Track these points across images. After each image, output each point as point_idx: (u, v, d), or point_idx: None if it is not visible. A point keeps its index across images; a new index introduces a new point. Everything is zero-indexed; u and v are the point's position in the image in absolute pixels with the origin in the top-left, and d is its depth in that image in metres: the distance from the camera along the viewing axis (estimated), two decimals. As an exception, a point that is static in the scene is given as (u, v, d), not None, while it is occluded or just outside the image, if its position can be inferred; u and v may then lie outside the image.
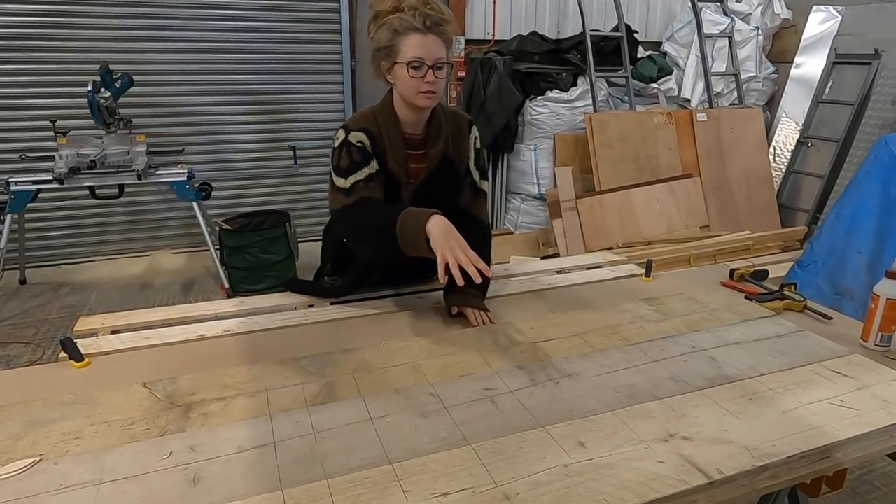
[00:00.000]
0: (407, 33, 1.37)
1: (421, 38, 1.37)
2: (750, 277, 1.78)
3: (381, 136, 1.48)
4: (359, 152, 1.46)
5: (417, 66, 1.37)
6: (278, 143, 4.61)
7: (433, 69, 1.39)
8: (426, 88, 1.40)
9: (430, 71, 1.38)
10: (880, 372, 1.27)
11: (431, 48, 1.38)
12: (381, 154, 1.48)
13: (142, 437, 1.03)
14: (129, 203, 4.34)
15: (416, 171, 1.54)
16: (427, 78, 1.38)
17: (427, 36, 1.37)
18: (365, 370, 1.26)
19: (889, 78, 4.24)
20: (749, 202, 4.54)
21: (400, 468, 0.95)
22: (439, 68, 1.39)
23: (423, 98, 1.41)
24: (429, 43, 1.38)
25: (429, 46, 1.38)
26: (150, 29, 4.17)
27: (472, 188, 1.62)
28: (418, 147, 1.53)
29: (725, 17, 4.83)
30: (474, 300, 1.53)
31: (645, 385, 1.20)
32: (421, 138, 1.53)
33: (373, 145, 1.47)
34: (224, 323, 1.51)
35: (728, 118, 4.53)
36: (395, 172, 1.50)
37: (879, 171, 2.99)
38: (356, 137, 1.47)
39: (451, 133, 1.56)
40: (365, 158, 1.46)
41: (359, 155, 1.46)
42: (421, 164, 1.53)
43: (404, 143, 1.51)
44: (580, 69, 4.38)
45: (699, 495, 0.93)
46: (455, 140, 1.56)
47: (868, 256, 2.91)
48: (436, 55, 1.39)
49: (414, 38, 1.37)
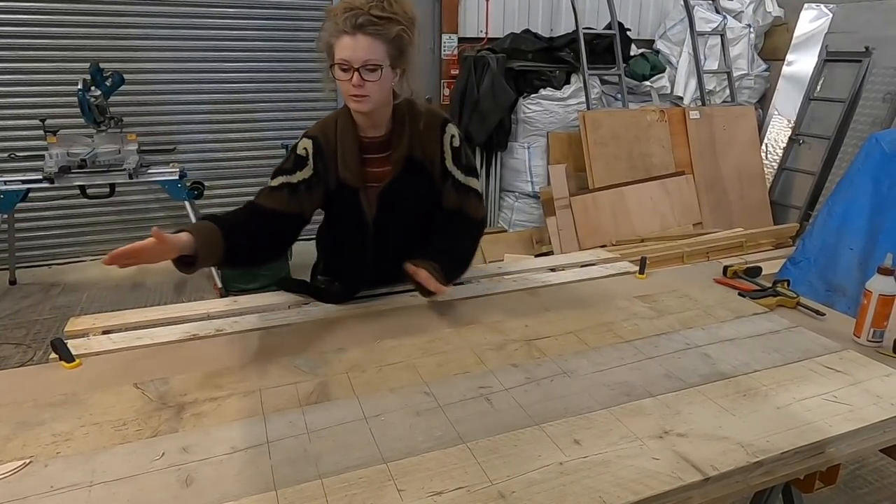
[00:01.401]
0: (338, 36, 1.33)
1: (349, 40, 1.32)
2: (743, 274, 1.78)
3: (335, 143, 1.47)
4: (294, 160, 1.47)
5: (345, 67, 1.33)
6: (271, 142, 4.59)
7: (360, 71, 1.32)
8: (353, 92, 1.35)
9: (356, 73, 1.32)
10: (873, 367, 1.27)
11: (359, 49, 1.32)
12: (328, 163, 1.47)
13: (133, 438, 1.02)
14: (121, 202, 4.30)
15: (380, 175, 1.50)
16: (353, 80, 1.33)
17: (356, 37, 1.31)
18: (359, 369, 1.25)
19: (879, 75, 4.27)
20: (742, 200, 4.56)
21: (395, 467, 0.95)
22: (370, 70, 1.33)
23: (353, 101, 1.38)
24: (357, 44, 1.31)
25: (355, 48, 1.32)
26: (142, 27, 4.14)
27: (456, 187, 1.56)
28: (380, 150, 1.49)
29: (717, 14, 4.84)
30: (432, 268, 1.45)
31: (639, 382, 1.20)
32: (383, 141, 1.49)
33: (316, 154, 1.46)
34: (216, 322, 1.50)
35: (721, 116, 4.55)
36: (347, 179, 1.49)
37: (870, 167, 3.01)
38: (303, 144, 1.48)
39: (418, 134, 1.50)
40: (295, 166, 1.46)
41: (290, 162, 1.47)
42: (384, 167, 1.50)
43: (360, 149, 1.48)
44: (573, 67, 4.38)
45: (694, 492, 0.93)
46: (423, 141, 1.51)
47: (860, 253, 2.93)
48: (364, 56, 1.32)
49: (344, 39, 1.33)
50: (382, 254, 1.57)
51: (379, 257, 1.58)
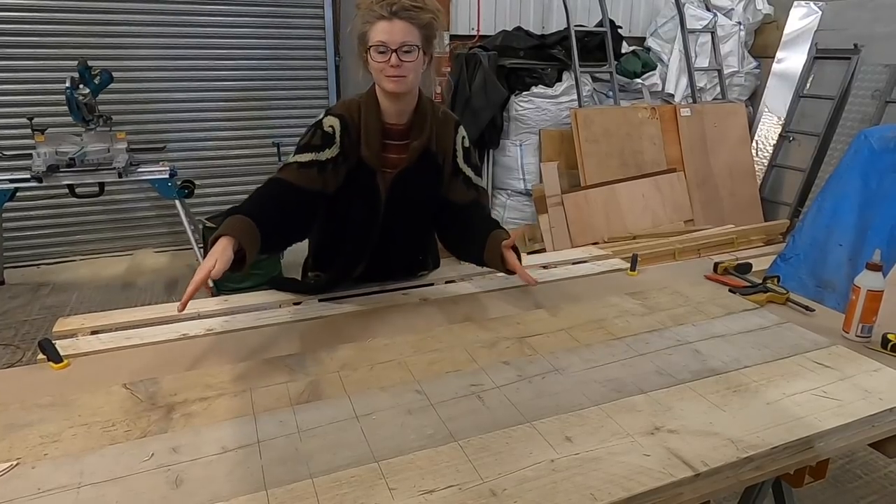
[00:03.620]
0: (375, 21, 1.40)
1: (386, 24, 1.39)
2: (734, 271, 1.79)
3: (359, 123, 1.51)
4: (322, 136, 1.49)
5: (382, 49, 1.40)
6: (262, 140, 4.57)
7: (398, 52, 1.39)
8: (391, 72, 1.41)
9: (394, 54, 1.39)
10: (861, 362, 1.28)
11: (396, 32, 1.39)
12: (353, 141, 1.51)
13: (122, 438, 1.01)
14: (110, 201, 4.27)
15: (396, 161, 1.55)
16: (391, 61, 1.40)
17: (392, 21, 1.39)
18: (350, 368, 1.25)
19: (868, 73, 4.30)
20: (733, 196, 4.59)
21: (386, 466, 0.95)
22: (406, 52, 1.40)
23: (390, 81, 1.43)
24: (394, 27, 1.39)
25: (393, 31, 1.39)
26: (131, 24, 4.10)
27: (468, 184, 1.64)
28: (400, 138, 1.55)
29: (708, 12, 4.86)
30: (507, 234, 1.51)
31: (631, 379, 1.21)
32: (403, 129, 1.55)
33: (343, 132, 1.49)
34: (207, 322, 1.49)
35: (711, 113, 4.56)
36: (368, 159, 1.52)
37: (859, 164, 3.03)
38: (329, 122, 1.50)
39: (437, 129, 1.58)
40: (324, 143, 1.48)
41: (319, 139, 1.49)
42: (401, 154, 1.55)
43: (383, 133, 1.53)
44: (565, 64, 4.38)
45: (685, 488, 0.94)
46: (440, 137, 1.59)
47: (849, 249, 2.95)
48: (401, 39, 1.39)
49: (380, 24, 1.40)
50: (387, 237, 1.60)
51: (383, 240, 1.61)
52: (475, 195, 1.66)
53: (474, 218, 1.63)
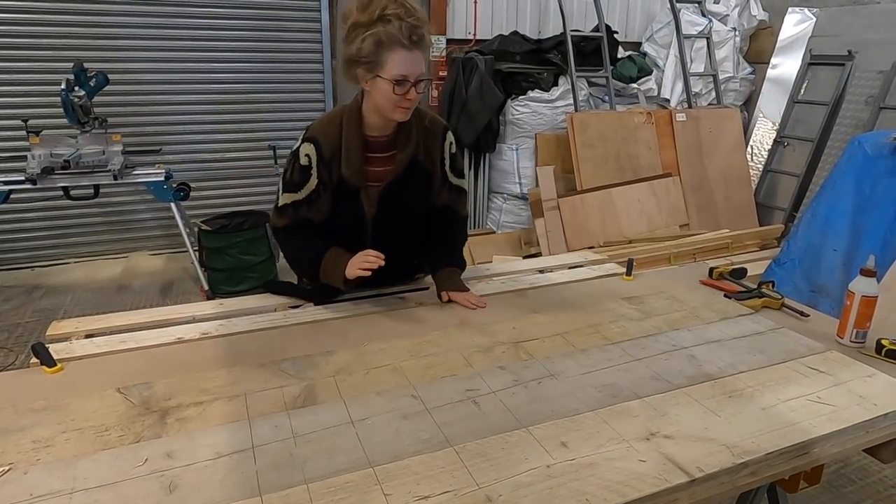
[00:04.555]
0: (393, 48, 1.34)
1: (406, 55, 1.35)
2: (729, 276, 1.80)
3: (339, 141, 1.47)
4: (299, 171, 1.49)
5: (402, 82, 1.36)
6: (258, 143, 4.55)
7: (415, 86, 1.38)
8: (405, 105, 1.40)
9: (413, 88, 1.38)
10: (856, 368, 1.29)
11: (415, 65, 1.37)
12: (330, 162, 1.48)
13: (116, 443, 1.01)
14: (105, 204, 4.25)
15: (381, 174, 1.53)
16: (409, 95, 1.39)
17: (412, 52, 1.36)
18: (346, 372, 1.25)
19: (862, 78, 4.32)
20: (728, 201, 4.60)
21: (381, 471, 0.94)
22: (419, 83, 1.39)
23: (402, 113, 1.43)
24: (413, 59, 1.37)
25: (413, 62, 1.37)
26: (127, 26, 4.09)
27: (450, 188, 1.65)
28: (384, 150, 1.52)
29: (703, 18, 4.88)
30: (460, 284, 1.65)
31: (626, 384, 1.21)
32: (387, 141, 1.52)
33: (319, 159, 1.48)
34: (202, 325, 1.49)
35: (707, 118, 4.58)
36: (349, 178, 1.50)
37: (853, 169, 3.04)
38: (304, 150, 1.48)
39: (423, 138, 1.55)
40: (302, 179, 1.49)
41: (298, 175, 1.49)
42: (387, 167, 1.52)
43: (365, 148, 1.50)
44: (561, 69, 4.39)
45: (680, 493, 0.94)
46: (427, 145, 1.56)
47: (843, 254, 2.96)
48: (419, 71, 1.38)
49: (399, 53, 1.35)
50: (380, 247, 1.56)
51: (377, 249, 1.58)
52: (452, 200, 1.66)
53: (439, 232, 1.68)
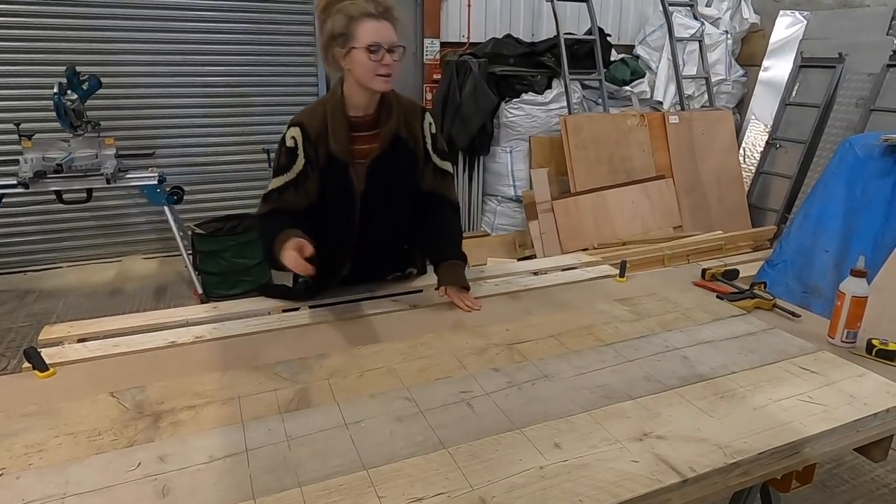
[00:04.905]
0: (362, 19, 1.42)
1: (376, 23, 1.43)
2: (721, 277, 1.81)
3: (324, 122, 1.53)
4: (287, 154, 1.54)
5: (375, 49, 1.43)
6: (252, 146, 4.55)
7: (389, 52, 1.44)
8: (384, 71, 1.45)
9: (387, 54, 1.44)
10: (847, 368, 1.30)
11: (386, 32, 1.44)
12: (317, 142, 1.53)
13: (109, 448, 1.00)
14: (99, 207, 4.23)
15: (367, 151, 1.57)
16: (385, 60, 1.44)
17: (381, 21, 1.44)
18: (340, 375, 1.25)
19: (852, 81, 4.36)
20: (720, 203, 4.63)
21: (375, 474, 0.94)
22: (393, 52, 1.45)
23: (381, 81, 1.47)
24: (383, 27, 1.44)
25: (383, 30, 1.44)
26: (119, 30, 4.09)
27: (435, 170, 1.67)
28: (368, 128, 1.57)
29: (696, 21, 4.91)
30: (462, 279, 1.65)
31: (619, 385, 1.21)
32: (370, 120, 1.57)
33: (305, 140, 1.53)
34: (195, 329, 1.48)
35: (699, 120, 4.61)
36: (337, 153, 1.54)
37: (844, 171, 3.07)
38: (290, 134, 1.54)
39: (404, 116, 1.60)
40: (289, 161, 1.53)
41: (285, 157, 1.54)
42: (372, 143, 1.57)
43: (350, 127, 1.55)
44: (554, 72, 4.41)
45: (673, 494, 0.94)
46: (408, 123, 1.61)
47: (835, 255, 2.98)
48: (391, 39, 1.45)
49: (369, 23, 1.43)
50: (367, 230, 1.62)
51: (364, 234, 1.62)
52: (439, 185, 1.68)
53: (436, 224, 1.70)
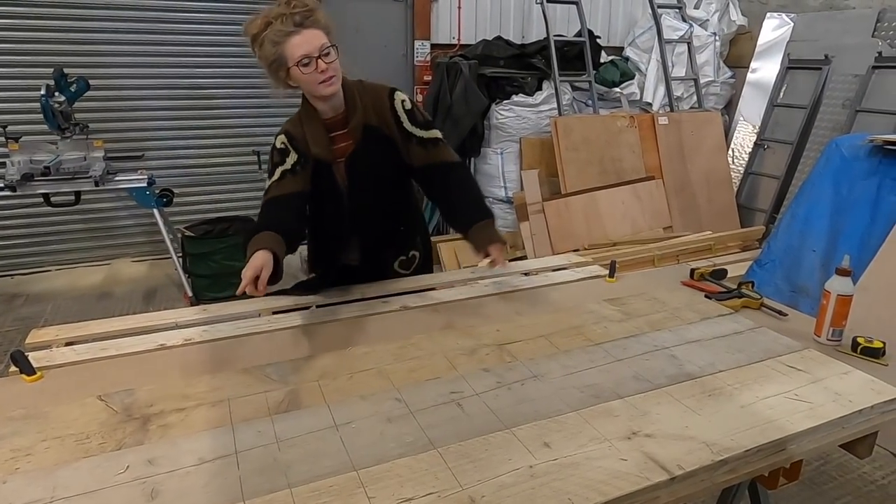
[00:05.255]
0: (285, 39, 1.47)
1: (298, 38, 1.47)
2: (709, 277, 1.82)
3: (303, 130, 1.61)
4: (278, 153, 1.62)
5: (307, 62, 1.48)
6: (242, 148, 4.53)
7: (320, 58, 1.48)
8: (322, 78, 1.50)
9: (319, 61, 1.48)
10: (832, 366, 1.31)
11: (311, 41, 1.47)
12: (302, 146, 1.62)
13: (97, 451, 1.00)
14: (87, 210, 4.20)
15: (345, 148, 1.64)
16: (319, 68, 1.48)
17: (302, 32, 1.47)
18: (330, 377, 1.25)
19: (838, 82, 4.41)
20: (710, 203, 4.66)
21: (365, 475, 0.95)
22: (326, 54, 1.49)
23: (325, 87, 1.52)
24: (306, 38, 1.47)
25: (308, 40, 1.47)
26: (108, 31, 4.06)
27: (423, 143, 1.67)
28: (342, 126, 1.63)
29: (684, 23, 4.95)
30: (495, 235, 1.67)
31: (608, 384, 1.22)
32: (342, 119, 1.63)
33: (291, 142, 1.61)
34: (185, 332, 1.48)
35: (688, 121, 4.64)
36: (319, 154, 1.61)
37: (831, 172, 3.10)
38: (279, 140, 1.64)
39: (371, 105, 1.64)
40: (282, 156, 1.61)
41: (278, 155, 1.62)
42: (348, 140, 1.63)
43: (326, 129, 1.62)
44: (545, 73, 4.43)
45: (661, 491, 0.95)
46: (377, 111, 1.64)
47: (822, 254, 3.01)
48: (318, 44, 1.48)
49: (292, 39, 1.47)
50: (362, 221, 1.69)
51: (359, 226, 1.69)
52: (434, 154, 1.68)
53: (447, 193, 1.72)
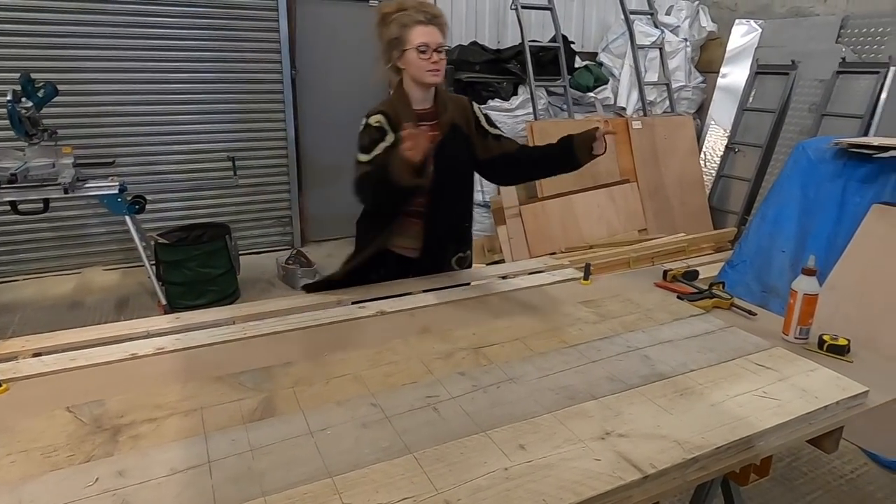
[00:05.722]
0: (412, 25, 1.71)
1: (424, 28, 1.71)
2: (682, 278, 1.85)
3: (397, 114, 1.76)
4: (376, 130, 1.75)
5: (424, 49, 1.71)
6: (217, 154, 4.48)
7: (436, 51, 1.71)
8: (432, 67, 1.72)
9: (434, 52, 1.71)
10: (799, 363, 1.34)
11: (433, 35, 1.72)
12: (397, 126, 1.73)
13: (65, 464, 0.98)
14: (56, 218, 4.11)
15: (433, 137, 1.77)
16: (432, 58, 1.71)
17: (428, 26, 1.72)
18: (305, 383, 1.24)
19: (805, 87, 4.53)
20: (683, 205, 4.74)
21: (340, 481, 0.94)
22: (440, 51, 1.73)
23: (431, 75, 1.74)
24: (430, 31, 1.72)
25: (431, 33, 1.72)
26: (77, 36, 3.99)
27: (495, 137, 1.95)
28: (429, 119, 1.82)
29: (656, 29, 5.04)
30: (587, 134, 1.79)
31: (583, 386, 1.24)
32: (430, 112, 1.83)
33: (388, 121, 1.76)
34: (157, 340, 1.45)
35: (661, 126, 4.72)
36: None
37: (798, 174, 3.18)
38: (374, 119, 1.76)
39: (456, 108, 1.89)
40: (382, 134, 1.75)
41: (376, 133, 1.75)
42: (434, 132, 1.80)
43: (417, 118, 1.78)
44: (520, 78, 4.47)
45: (634, 490, 0.96)
46: (461, 113, 1.89)
47: (791, 255, 3.08)
48: (438, 40, 1.73)
49: (419, 28, 1.71)
50: (436, 209, 1.83)
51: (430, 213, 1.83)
52: (511, 143, 1.95)
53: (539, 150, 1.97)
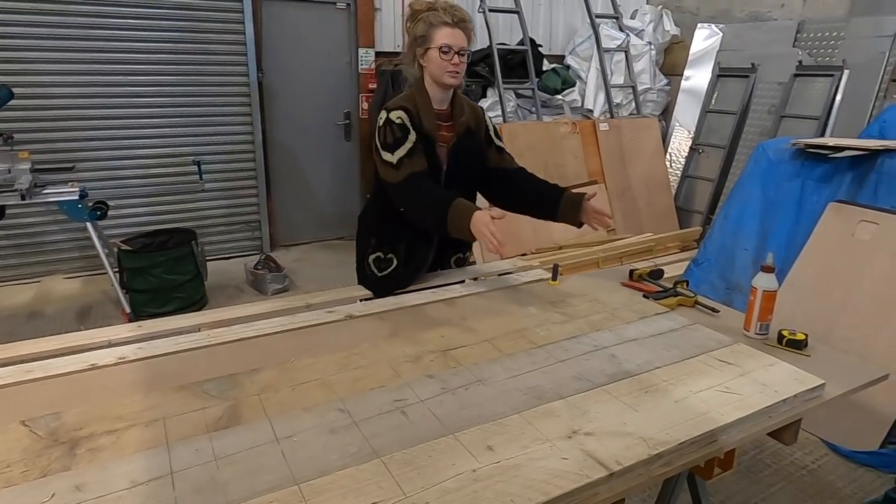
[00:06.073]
0: (439, 26, 1.74)
1: (449, 30, 1.74)
2: (647, 277, 1.89)
3: (418, 111, 1.79)
4: (399, 128, 1.76)
5: (447, 50, 1.73)
6: (182, 158, 4.40)
7: (458, 54, 1.74)
8: (452, 69, 1.75)
9: (456, 55, 1.74)
10: (760, 358, 1.38)
11: (457, 38, 1.74)
12: (418, 122, 1.79)
13: (19, 480, 0.94)
14: (14, 226, 3.98)
15: (447, 137, 1.86)
16: (454, 60, 1.74)
17: (454, 29, 1.74)
18: (272, 390, 1.22)
19: (764, 89, 4.66)
20: (650, 206, 4.83)
21: (307, 488, 0.93)
22: (462, 54, 1.75)
23: (450, 77, 1.76)
24: (455, 34, 1.74)
25: (455, 36, 1.74)
26: (34, 38, 3.87)
27: (498, 150, 2.00)
28: (446, 120, 1.87)
29: (621, 32, 5.13)
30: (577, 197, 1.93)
31: (550, 385, 1.25)
32: (447, 113, 1.87)
33: (410, 118, 1.77)
34: (119, 350, 1.42)
35: (628, 127, 4.80)
36: (429, 131, 1.80)
37: (759, 174, 3.27)
38: (396, 115, 1.77)
39: (472, 113, 1.93)
40: (404, 133, 1.76)
41: (399, 131, 1.76)
42: (450, 132, 1.87)
43: (436, 116, 1.83)
44: (489, 81, 4.50)
45: (600, 488, 0.98)
46: (474, 118, 1.94)
47: (753, 253, 3.17)
48: (460, 44, 1.75)
49: (444, 29, 1.74)
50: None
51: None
52: (502, 158, 1.99)
53: (533, 182, 2.01)
